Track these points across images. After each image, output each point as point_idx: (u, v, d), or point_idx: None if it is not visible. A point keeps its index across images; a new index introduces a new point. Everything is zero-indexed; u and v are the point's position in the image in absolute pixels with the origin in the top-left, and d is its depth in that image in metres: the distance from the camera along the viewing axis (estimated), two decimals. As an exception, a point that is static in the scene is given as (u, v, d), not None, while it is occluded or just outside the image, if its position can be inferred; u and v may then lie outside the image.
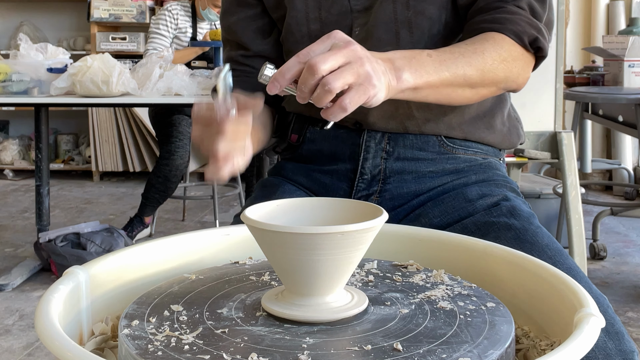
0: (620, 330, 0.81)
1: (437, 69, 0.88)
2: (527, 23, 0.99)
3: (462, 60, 0.91)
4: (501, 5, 1.01)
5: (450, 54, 0.92)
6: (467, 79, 0.92)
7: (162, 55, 2.89)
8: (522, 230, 0.96)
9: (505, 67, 0.96)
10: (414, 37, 1.04)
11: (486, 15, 1.01)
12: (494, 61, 0.95)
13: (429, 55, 0.89)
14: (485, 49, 0.95)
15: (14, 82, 2.78)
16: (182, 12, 3.61)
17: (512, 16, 0.99)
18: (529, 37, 0.99)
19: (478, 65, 0.93)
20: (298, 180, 1.16)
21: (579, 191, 2.44)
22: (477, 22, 1.01)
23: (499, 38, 0.97)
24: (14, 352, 2.24)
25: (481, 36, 0.98)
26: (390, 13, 1.04)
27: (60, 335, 0.59)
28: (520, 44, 0.99)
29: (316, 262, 0.64)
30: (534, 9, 1.02)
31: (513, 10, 1.00)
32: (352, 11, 1.08)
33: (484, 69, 0.94)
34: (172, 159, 3.33)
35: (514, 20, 0.98)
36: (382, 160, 1.10)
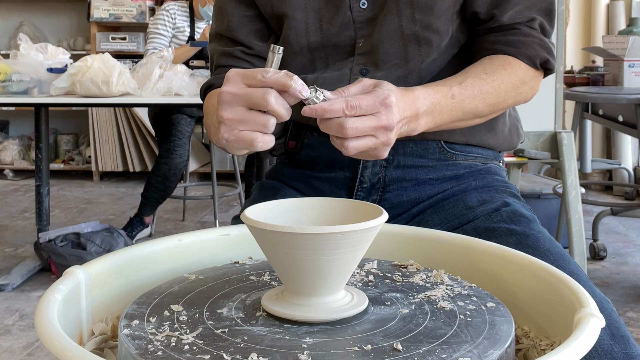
0: (625, 334, 0.81)
1: (453, 111, 0.96)
2: (540, 45, 1.04)
3: (479, 97, 0.98)
4: (515, 26, 1.04)
5: (471, 89, 0.97)
6: (477, 113, 1.00)
7: (162, 55, 2.90)
8: (523, 235, 0.96)
9: (516, 94, 1.03)
10: (423, 51, 1.04)
11: (500, 36, 1.04)
12: (507, 92, 1.01)
13: (452, 97, 0.95)
14: (502, 81, 1.00)
15: (14, 82, 2.78)
16: (180, 11, 3.62)
17: (526, 39, 1.03)
18: (541, 60, 1.04)
19: (491, 100, 1.00)
20: (296, 186, 1.15)
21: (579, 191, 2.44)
22: (491, 42, 1.05)
23: (514, 64, 1.03)
24: (14, 352, 2.25)
25: (500, 61, 1.02)
26: (396, 26, 1.03)
27: (60, 335, 0.59)
28: (533, 67, 1.04)
29: (316, 262, 0.64)
30: (544, 28, 1.06)
31: (526, 33, 1.04)
32: (355, 22, 1.05)
33: (495, 104, 1.00)
34: (171, 157, 3.33)
35: (527, 44, 1.03)
36: (382, 169, 1.09)
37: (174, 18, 3.59)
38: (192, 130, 3.48)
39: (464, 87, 0.97)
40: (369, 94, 0.80)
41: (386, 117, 0.80)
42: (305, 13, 1.06)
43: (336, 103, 0.78)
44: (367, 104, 0.79)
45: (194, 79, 2.85)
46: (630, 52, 3.19)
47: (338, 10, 1.05)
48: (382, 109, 0.80)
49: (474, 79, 0.98)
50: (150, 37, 3.58)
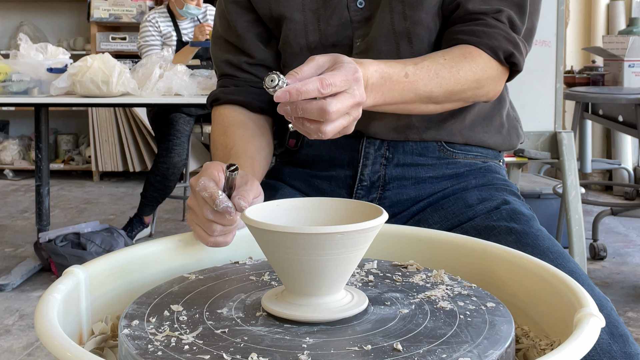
0: (624, 332, 0.81)
1: (404, 91, 0.90)
2: (505, 38, 0.99)
3: (434, 80, 0.93)
4: (480, 17, 1.00)
5: (427, 72, 0.93)
6: (432, 98, 0.95)
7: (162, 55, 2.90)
8: (522, 233, 0.96)
9: (477, 85, 0.98)
10: (414, 47, 1.04)
11: (464, 26, 1.01)
12: (466, 81, 0.96)
13: (406, 76, 0.90)
14: (461, 68, 0.96)
15: (14, 82, 2.78)
16: (161, 18, 3.65)
17: (490, 30, 0.99)
18: (505, 53, 0.99)
19: (448, 86, 0.95)
20: (296, 186, 1.15)
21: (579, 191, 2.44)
22: (455, 31, 1.02)
23: (475, 53, 0.98)
24: (14, 352, 2.25)
25: (461, 49, 0.98)
26: (389, 24, 1.03)
27: (60, 335, 0.59)
28: (496, 59, 0.99)
29: (316, 262, 0.64)
30: (513, 22, 1.01)
31: (491, 24, 1.00)
32: (352, 22, 1.06)
33: (453, 90, 0.96)
34: (170, 156, 3.33)
35: (491, 35, 0.99)
36: (382, 167, 1.09)
37: (158, 26, 3.63)
38: (191, 129, 3.48)
39: (420, 68, 0.92)
40: (339, 69, 0.76)
41: (359, 93, 0.77)
42: (303, 14, 1.06)
43: (310, 83, 0.72)
44: (340, 80, 0.75)
45: (194, 79, 2.85)
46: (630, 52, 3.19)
47: (335, 10, 1.06)
48: (354, 84, 0.76)
49: (431, 62, 0.94)
50: (143, 50, 3.62)
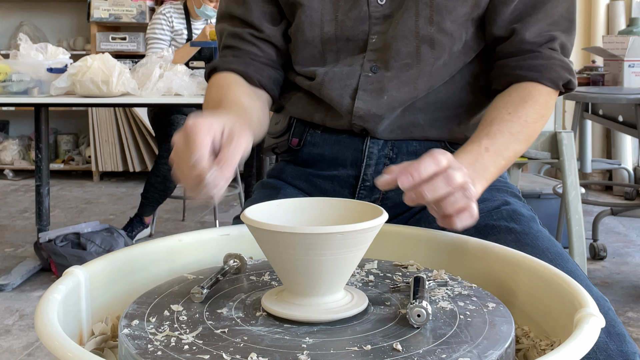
0: (621, 331, 0.81)
1: (495, 163, 0.93)
2: (561, 67, 1.03)
3: (512, 141, 0.96)
4: (536, 49, 1.03)
5: (501, 137, 0.95)
6: (516, 154, 0.98)
7: (162, 55, 2.90)
8: (522, 233, 0.96)
9: (543, 121, 1.02)
10: (435, 53, 1.04)
11: (522, 61, 1.03)
12: (534, 123, 0.99)
13: (486, 150, 0.93)
14: (527, 115, 0.98)
15: (14, 82, 2.78)
16: (176, 14, 3.63)
17: (547, 62, 1.02)
18: (564, 81, 1.03)
19: (524, 136, 0.98)
20: (298, 185, 1.14)
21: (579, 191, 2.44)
22: (512, 67, 1.03)
23: (535, 92, 1.01)
24: (14, 352, 2.25)
25: (518, 92, 1.01)
26: (412, 26, 1.03)
27: (60, 335, 0.59)
28: (556, 89, 1.03)
29: (316, 262, 0.64)
30: (565, 47, 1.05)
31: (548, 55, 1.02)
32: (371, 17, 1.05)
33: (529, 139, 0.99)
34: (171, 158, 3.33)
35: (549, 67, 1.02)
36: (385, 167, 1.09)
37: (171, 21, 3.60)
38: (192, 130, 3.47)
39: (493, 136, 0.95)
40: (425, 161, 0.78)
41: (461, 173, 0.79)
42: (322, 3, 1.06)
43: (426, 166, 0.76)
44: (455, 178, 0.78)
45: (194, 79, 2.85)
46: (630, 52, 3.19)
47: (355, 4, 1.05)
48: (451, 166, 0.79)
49: (500, 124, 0.97)
50: (149, 42, 3.58)
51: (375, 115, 1.06)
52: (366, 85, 1.06)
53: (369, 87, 1.05)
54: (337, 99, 1.07)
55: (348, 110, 1.06)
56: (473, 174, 0.87)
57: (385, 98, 1.05)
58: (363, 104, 1.05)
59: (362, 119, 1.06)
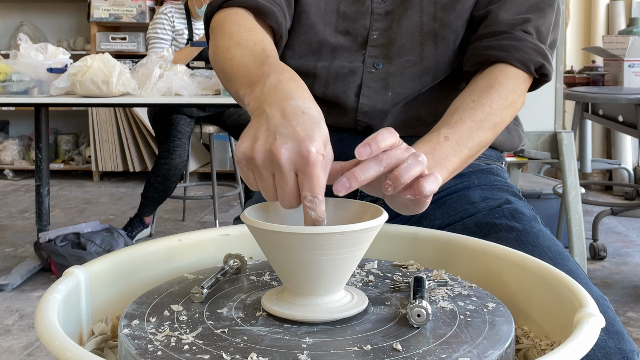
0: (620, 330, 0.81)
1: (457, 152, 0.88)
2: (534, 50, 0.99)
3: (475, 129, 0.91)
4: (508, 30, 1.00)
5: (463, 125, 0.90)
6: (482, 143, 0.93)
7: (162, 55, 2.89)
8: (523, 232, 0.96)
9: (512, 109, 0.97)
10: (439, 49, 1.04)
11: (492, 41, 1.00)
12: (502, 111, 0.95)
13: (446, 139, 0.88)
14: (492, 101, 0.94)
15: (14, 82, 2.78)
16: (177, 14, 3.63)
17: (518, 43, 0.98)
18: (535, 65, 0.99)
19: (490, 126, 0.93)
20: None
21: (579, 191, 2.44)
22: (482, 47, 1.01)
23: (502, 77, 0.97)
24: (14, 352, 2.25)
25: (485, 79, 0.97)
26: (417, 23, 1.03)
27: (60, 335, 0.59)
28: (527, 72, 0.99)
29: (316, 262, 0.64)
30: (540, 32, 1.01)
31: (519, 37, 0.99)
32: (373, 13, 1.05)
33: (495, 127, 0.94)
34: (171, 158, 3.33)
35: (520, 48, 0.98)
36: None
37: (172, 21, 3.59)
38: (192, 130, 3.48)
39: (454, 125, 0.91)
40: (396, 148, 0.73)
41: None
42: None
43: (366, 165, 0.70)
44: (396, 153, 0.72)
45: (194, 79, 2.85)
46: (630, 52, 3.19)
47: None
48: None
49: (463, 112, 0.93)
50: (151, 42, 3.58)
51: (381, 112, 1.06)
52: (370, 82, 1.06)
53: (373, 85, 1.06)
54: (342, 97, 1.07)
55: (353, 108, 1.07)
56: (431, 163, 0.84)
57: (390, 94, 1.06)
58: (368, 100, 1.06)
59: (368, 115, 1.06)
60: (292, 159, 0.63)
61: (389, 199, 0.80)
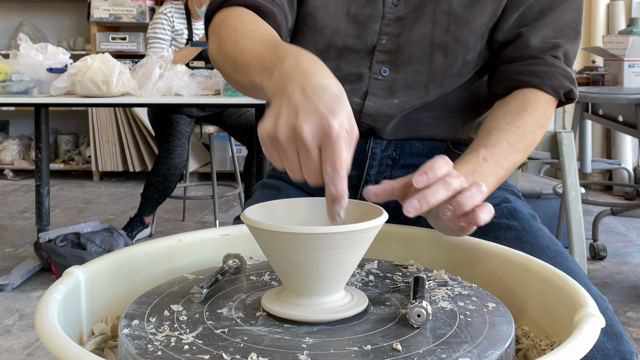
0: (619, 331, 0.81)
1: (494, 173, 0.92)
2: (563, 75, 1.01)
3: (511, 151, 0.95)
4: (539, 55, 1.02)
5: (499, 146, 0.94)
6: (515, 164, 0.96)
7: (162, 55, 2.89)
8: (522, 231, 0.96)
9: (541, 131, 1.00)
10: (448, 61, 1.03)
11: (524, 66, 1.02)
12: (533, 132, 0.98)
13: (484, 160, 0.91)
14: (525, 124, 0.97)
15: (14, 82, 2.78)
16: (177, 14, 3.63)
17: (549, 69, 1.01)
18: (565, 90, 1.02)
19: (523, 147, 0.97)
20: (299, 185, 1.14)
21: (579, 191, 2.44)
22: (514, 71, 1.02)
23: (534, 100, 1.00)
24: (14, 352, 2.24)
25: (518, 101, 1.00)
26: (428, 33, 1.02)
27: (60, 335, 0.59)
28: (557, 97, 1.02)
29: (316, 262, 0.64)
30: (568, 56, 1.03)
31: (550, 62, 1.01)
32: (384, 18, 1.04)
33: (528, 149, 0.98)
34: (171, 157, 3.33)
35: (551, 74, 1.01)
36: (388, 168, 1.09)
37: (172, 21, 3.60)
38: (192, 130, 3.48)
39: (491, 146, 0.94)
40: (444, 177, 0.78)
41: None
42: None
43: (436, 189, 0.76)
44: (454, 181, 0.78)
45: (194, 79, 2.85)
46: (630, 52, 3.19)
47: (371, 1, 1.04)
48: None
49: (498, 134, 0.95)
50: (150, 42, 3.58)
51: (386, 115, 1.05)
52: (376, 89, 1.05)
53: (380, 92, 1.05)
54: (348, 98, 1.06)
55: (357, 110, 1.06)
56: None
57: (396, 101, 1.05)
58: (373, 104, 1.05)
59: (372, 117, 1.06)
60: (315, 134, 0.63)
61: (433, 219, 0.83)
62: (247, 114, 3.48)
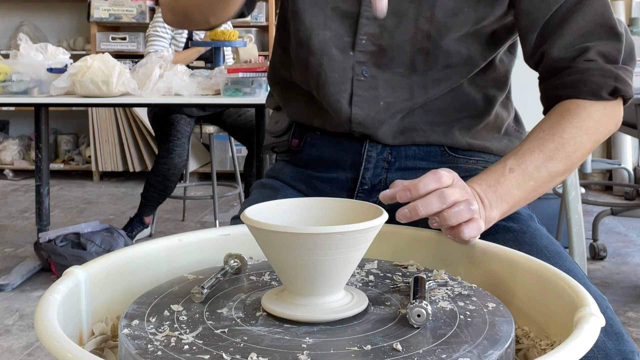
0: (619, 330, 0.81)
1: (521, 185, 0.90)
2: (601, 75, 0.95)
3: (545, 160, 0.91)
4: (569, 65, 0.97)
5: (530, 156, 0.91)
6: (553, 174, 0.92)
7: (162, 55, 2.90)
8: (520, 232, 0.96)
9: (590, 135, 0.94)
10: (429, 65, 1.03)
11: (557, 80, 0.98)
12: (575, 137, 0.93)
13: (511, 171, 0.90)
14: (563, 130, 0.93)
15: (14, 82, 2.78)
16: None
17: (582, 76, 0.96)
18: (607, 90, 0.96)
19: (563, 156, 0.92)
20: (297, 187, 1.14)
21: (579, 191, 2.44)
22: (549, 88, 1.00)
23: (574, 107, 0.95)
24: (14, 352, 2.25)
25: (558, 111, 0.96)
26: (409, 38, 1.02)
27: (60, 336, 0.59)
28: (599, 100, 0.96)
29: (316, 262, 0.64)
30: (607, 54, 0.97)
31: (582, 69, 0.96)
32: (361, 16, 1.03)
33: (568, 155, 0.93)
34: (171, 157, 3.33)
35: (585, 81, 0.95)
36: (383, 171, 1.09)
37: None
38: (192, 130, 3.48)
39: (521, 156, 0.91)
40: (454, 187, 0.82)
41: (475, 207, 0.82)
42: None
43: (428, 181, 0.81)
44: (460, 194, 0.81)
45: (194, 79, 2.85)
46: (630, 52, 3.18)
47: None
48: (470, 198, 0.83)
49: (531, 142, 0.93)
50: (150, 40, 3.58)
51: (375, 120, 1.05)
52: (360, 90, 1.05)
53: (364, 94, 1.05)
54: (336, 105, 1.06)
55: (347, 117, 1.06)
56: (492, 197, 0.87)
57: (382, 104, 1.05)
58: (361, 110, 1.05)
59: (362, 125, 1.06)
60: None
61: None
62: (247, 114, 3.48)
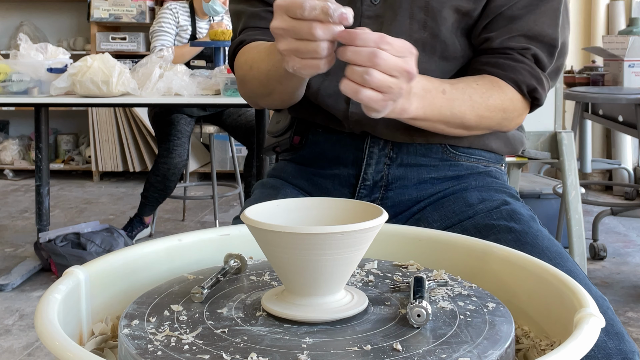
0: (620, 330, 0.81)
1: (442, 108, 0.95)
2: (529, 72, 1.02)
3: (468, 102, 0.98)
4: (507, 51, 1.03)
5: (462, 93, 0.98)
6: (464, 122, 0.99)
7: (162, 55, 2.90)
8: (522, 232, 0.96)
9: (502, 116, 1.02)
10: (426, 55, 1.04)
11: (491, 58, 1.03)
12: (495, 108, 1.00)
13: (443, 92, 0.95)
14: (490, 96, 1.00)
15: (14, 82, 2.78)
16: (182, 10, 3.64)
17: (515, 64, 1.02)
18: (528, 87, 1.03)
19: (479, 110, 0.99)
20: (299, 184, 1.14)
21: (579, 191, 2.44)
22: (481, 62, 1.05)
23: (502, 85, 1.02)
24: (14, 352, 2.25)
25: (488, 79, 1.02)
26: (406, 29, 1.03)
27: (60, 335, 0.59)
28: (520, 93, 1.03)
29: (316, 262, 0.64)
30: (539, 59, 1.03)
31: (517, 58, 1.02)
32: (363, 16, 1.04)
33: (482, 116, 1.00)
34: (171, 157, 3.33)
35: (516, 69, 1.02)
36: (385, 167, 1.09)
37: (177, 16, 3.61)
38: (192, 129, 3.48)
39: (455, 88, 0.97)
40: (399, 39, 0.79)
41: (412, 63, 0.80)
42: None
43: (371, 34, 0.76)
44: (400, 46, 0.78)
45: (194, 79, 2.85)
46: (630, 52, 3.19)
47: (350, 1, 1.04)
48: (409, 55, 0.80)
49: (465, 85, 0.98)
50: (155, 35, 3.58)
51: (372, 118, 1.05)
52: None
53: None
54: (333, 105, 1.07)
55: (345, 116, 1.07)
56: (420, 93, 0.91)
57: None
58: (356, 108, 1.05)
59: (359, 123, 1.06)
60: None
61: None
62: (247, 114, 3.48)
